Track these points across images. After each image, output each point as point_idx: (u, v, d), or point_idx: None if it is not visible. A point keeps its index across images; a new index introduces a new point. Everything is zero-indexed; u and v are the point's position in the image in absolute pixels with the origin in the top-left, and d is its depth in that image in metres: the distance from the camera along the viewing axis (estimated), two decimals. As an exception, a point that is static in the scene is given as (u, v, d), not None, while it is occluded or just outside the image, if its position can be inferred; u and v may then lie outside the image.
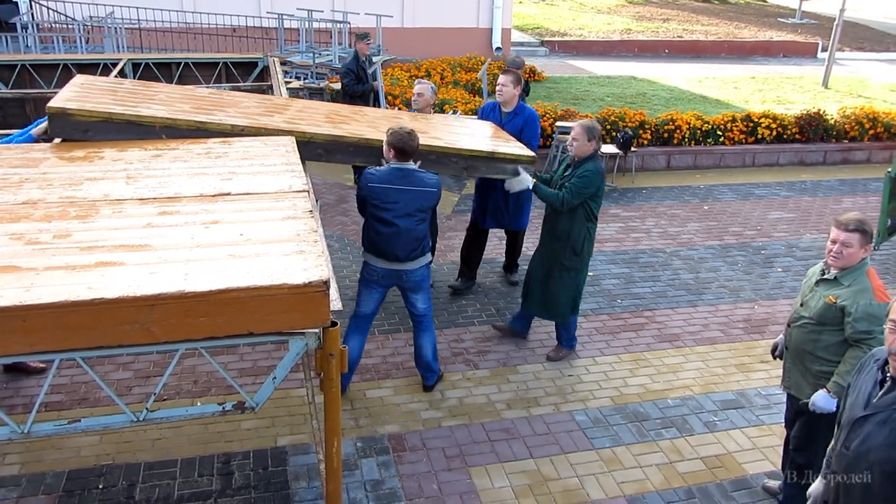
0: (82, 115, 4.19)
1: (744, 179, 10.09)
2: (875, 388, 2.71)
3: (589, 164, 5.06)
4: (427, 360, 5.01)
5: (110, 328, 2.43)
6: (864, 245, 3.55)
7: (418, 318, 4.96)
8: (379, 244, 4.62)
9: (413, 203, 4.57)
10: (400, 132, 4.53)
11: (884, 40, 22.79)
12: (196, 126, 4.41)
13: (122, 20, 12.78)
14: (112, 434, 4.41)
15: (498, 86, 6.16)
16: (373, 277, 4.75)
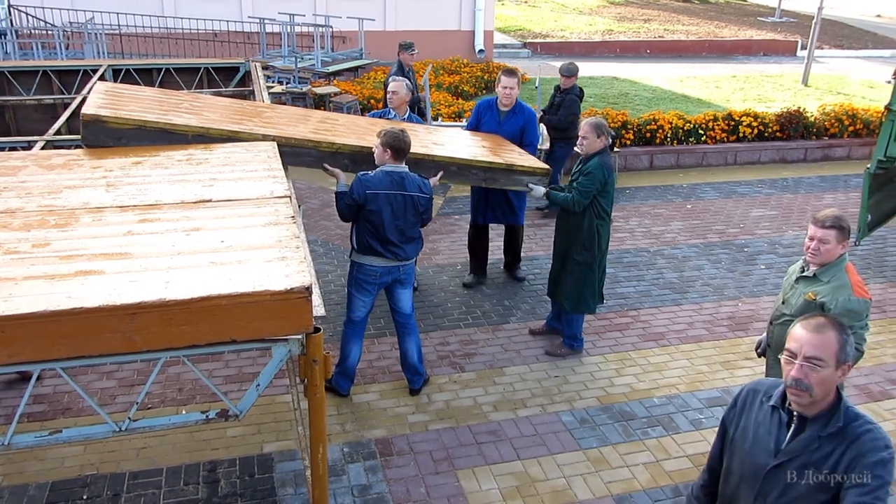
0: (116, 123, 4.23)
1: (726, 178, 10.16)
2: (781, 431, 2.43)
3: (594, 160, 5.15)
4: (413, 363, 5.01)
5: (91, 337, 2.40)
6: (842, 241, 3.59)
7: (403, 319, 4.96)
8: (376, 246, 4.62)
9: (409, 207, 4.60)
10: (394, 132, 4.54)
11: (862, 38, 23.02)
12: (227, 135, 4.47)
13: (102, 26, 12.68)
14: (96, 444, 4.37)
15: (506, 88, 6.20)
16: (369, 278, 4.74)
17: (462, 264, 7.13)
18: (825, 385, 2.31)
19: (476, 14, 15.86)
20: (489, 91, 13.68)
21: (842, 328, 2.35)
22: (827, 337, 2.31)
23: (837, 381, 2.33)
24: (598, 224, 5.27)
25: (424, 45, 15.22)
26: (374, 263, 4.70)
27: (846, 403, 2.38)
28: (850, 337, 2.34)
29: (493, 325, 6.05)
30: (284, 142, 4.59)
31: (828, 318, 2.38)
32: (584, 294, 5.43)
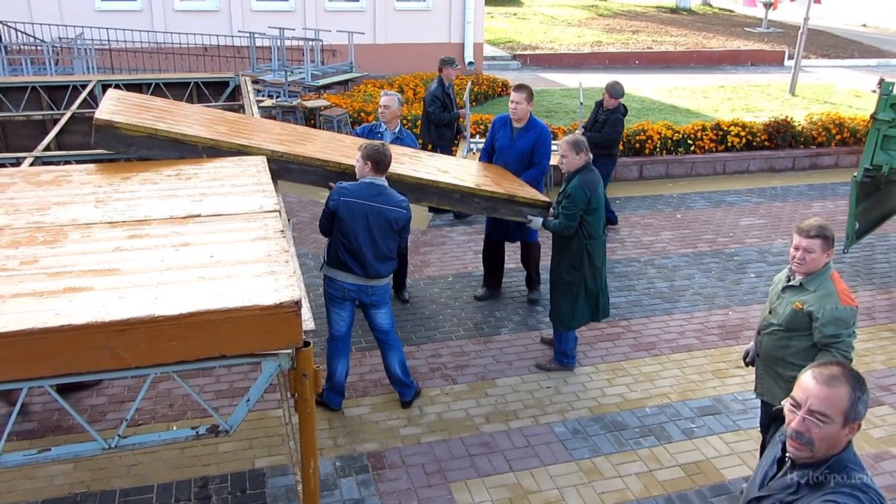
0: (128, 130, 4.30)
1: (715, 187, 10.21)
2: (772, 467, 2.40)
3: (573, 180, 5.12)
4: (398, 376, 5.00)
5: (79, 355, 2.39)
6: (827, 250, 3.62)
7: (383, 335, 4.95)
8: (346, 259, 4.60)
9: (384, 221, 4.56)
10: (374, 145, 4.55)
11: (848, 47, 23.23)
12: (237, 148, 4.53)
13: (91, 41, 12.70)
14: (86, 461, 4.34)
15: (512, 103, 6.17)
16: (339, 294, 4.73)
17: (453, 276, 7.14)
18: (829, 441, 2.14)
19: (466, 27, 15.96)
20: (478, 104, 13.73)
21: (857, 383, 2.13)
22: (838, 392, 2.11)
23: (845, 439, 2.16)
24: (588, 244, 5.23)
25: (414, 57, 15.33)
26: (343, 279, 4.67)
27: (846, 459, 2.19)
28: (866, 394, 2.14)
29: (485, 336, 6.05)
30: (293, 159, 4.67)
31: (844, 368, 2.17)
32: (574, 312, 5.37)
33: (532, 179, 6.17)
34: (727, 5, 30.06)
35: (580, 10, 26.61)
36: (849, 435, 2.17)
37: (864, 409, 2.14)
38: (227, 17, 14.49)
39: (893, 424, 5.07)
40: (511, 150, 6.22)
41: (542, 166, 6.25)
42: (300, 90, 11.38)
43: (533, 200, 5.56)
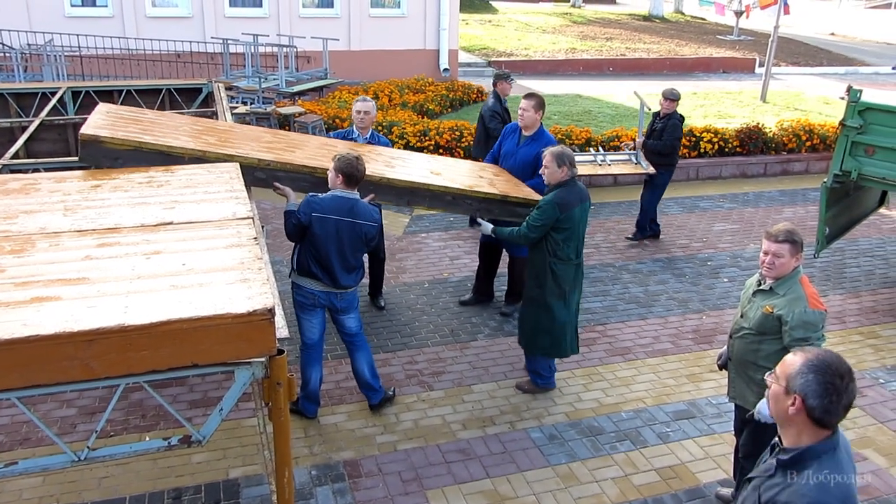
0: (114, 143, 4.31)
1: (688, 193, 10.31)
2: (768, 452, 2.45)
3: (550, 194, 4.97)
4: (366, 378, 4.97)
5: (47, 365, 2.35)
6: (795, 254, 3.68)
7: (350, 337, 4.93)
8: (316, 271, 4.57)
9: (355, 235, 4.54)
10: (348, 157, 4.50)
11: (817, 55, 23.63)
12: (225, 158, 4.52)
13: (61, 48, 12.53)
14: (56, 475, 4.26)
15: (520, 110, 6.14)
16: (308, 301, 4.70)
17: (429, 282, 7.13)
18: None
19: (440, 33, 15.99)
20: (453, 110, 13.76)
21: None
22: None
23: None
24: (552, 262, 5.02)
25: (389, 64, 15.33)
26: (312, 287, 4.65)
27: (821, 450, 2.26)
28: None
29: (462, 342, 6.05)
30: (280, 167, 4.66)
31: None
32: (535, 334, 5.19)
33: (537, 188, 6.09)
34: (699, 13, 30.43)
35: (554, 18, 26.80)
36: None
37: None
38: (201, 23, 14.38)
39: (864, 427, 5.14)
40: (514, 157, 6.21)
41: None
42: (274, 97, 11.32)
43: (526, 200, 5.46)
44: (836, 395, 2.19)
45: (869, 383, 5.68)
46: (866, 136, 6.52)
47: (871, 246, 8.61)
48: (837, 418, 2.24)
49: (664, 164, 8.15)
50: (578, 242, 5.08)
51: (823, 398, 2.20)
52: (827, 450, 2.26)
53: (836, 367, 2.22)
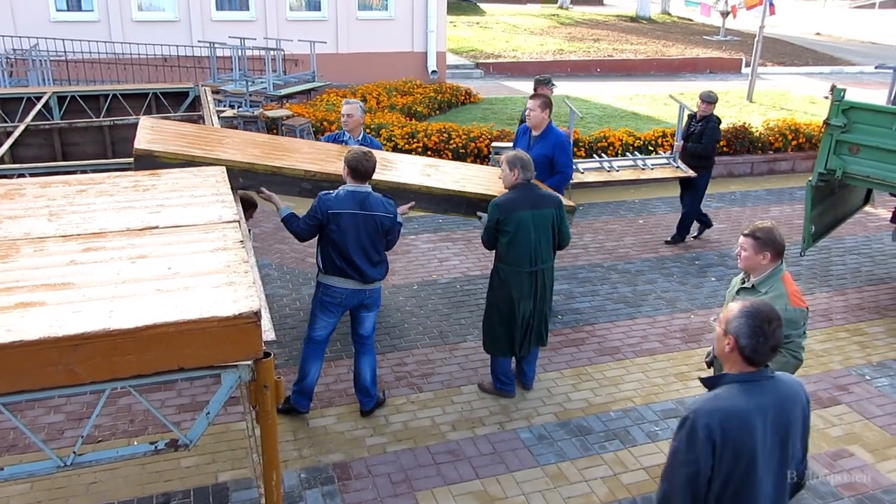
0: (167, 157, 4.42)
1: (676, 193, 10.28)
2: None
3: (496, 198, 4.90)
4: (366, 384, 4.98)
5: (31, 371, 2.34)
6: (761, 251, 3.74)
7: (363, 340, 4.95)
8: (343, 266, 4.60)
9: (372, 228, 4.57)
10: (356, 152, 4.54)
11: (803, 55, 23.79)
12: (273, 171, 4.66)
13: (46, 52, 12.48)
14: (43, 481, 4.24)
15: (527, 110, 6.18)
16: (335, 300, 4.72)
17: (418, 284, 7.14)
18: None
19: (428, 35, 16.01)
20: (442, 112, 13.78)
21: None
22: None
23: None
24: (499, 267, 4.98)
25: (377, 66, 15.34)
26: (340, 285, 4.67)
27: (737, 377, 2.65)
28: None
29: (451, 344, 6.05)
30: (326, 177, 4.75)
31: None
32: (490, 335, 5.16)
33: (554, 186, 6.13)
34: (686, 14, 30.58)
35: (542, 19, 26.87)
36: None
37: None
38: (187, 26, 14.34)
39: (850, 423, 5.18)
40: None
41: (564, 174, 6.22)
42: (262, 100, 11.31)
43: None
44: (762, 337, 2.58)
45: (855, 380, 5.72)
46: (850, 134, 6.57)
47: (857, 244, 8.68)
48: (764, 357, 2.62)
49: (704, 167, 8.23)
50: (531, 249, 4.88)
51: (752, 339, 2.59)
52: (741, 380, 2.64)
53: (766, 314, 2.61)
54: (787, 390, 2.67)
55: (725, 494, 2.60)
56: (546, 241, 4.96)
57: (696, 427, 2.56)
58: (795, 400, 2.68)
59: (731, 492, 2.59)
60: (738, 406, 2.57)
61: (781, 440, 2.64)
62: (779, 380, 2.68)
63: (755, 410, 2.58)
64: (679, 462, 2.60)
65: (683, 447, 2.59)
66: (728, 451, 2.55)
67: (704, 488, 2.59)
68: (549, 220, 4.93)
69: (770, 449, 2.62)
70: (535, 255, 4.92)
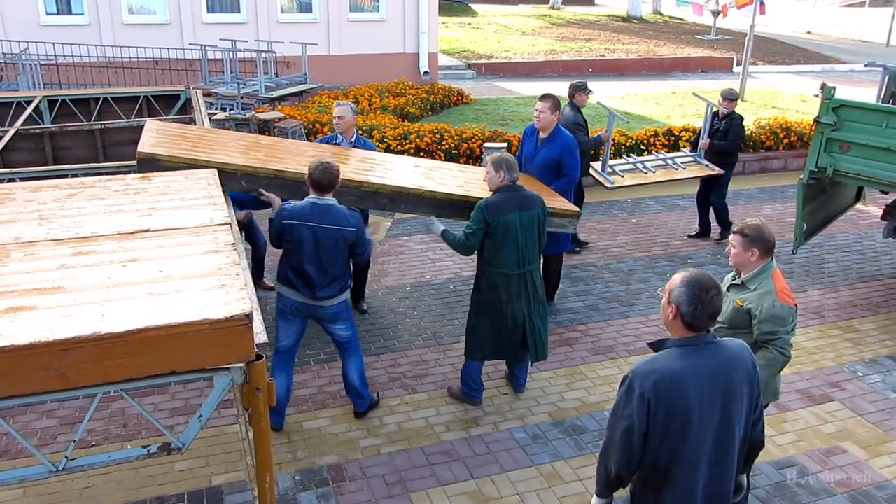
0: (170, 161, 4.43)
1: (668, 192, 10.37)
2: None
3: (482, 200, 4.85)
4: (355, 386, 4.95)
5: (22, 376, 2.33)
6: (749, 248, 3.77)
7: (343, 344, 4.91)
8: (293, 279, 4.55)
9: (332, 242, 4.49)
10: (315, 164, 4.46)
11: (794, 53, 23.87)
12: (275, 174, 4.67)
13: (37, 56, 12.43)
14: (36, 486, 4.23)
15: (536, 111, 6.17)
16: (288, 310, 4.67)
17: (412, 285, 7.14)
18: None
19: (420, 37, 16.01)
20: (434, 113, 13.78)
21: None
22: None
23: None
24: (487, 269, 4.92)
25: (369, 68, 15.34)
26: (290, 296, 4.61)
27: (678, 341, 2.83)
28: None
29: (444, 345, 6.06)
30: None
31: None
32: (473, 338, 5.09)
33: (560, 189, 6.17)
34: (677, 14, 30.67)
35: (533, 20, 26.90)
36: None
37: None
38: (178, 29, 14.31)
39: (843, 420, 5.20)
40: (535, 160, 6.25)
41: (571, 177, 6.23)
42: (254, 102, 11.28)
43: (563, 211, 5.46)
44: (701, 304, 2.74)
45: (847, 377, 5.74)
46: (841, 132, 6.59)
47: (849, 241, 8.72)
48: (703, 323, 2.78)
49: (728, 163, 8.31)
50: (519, 252, 4.85)
51: (691, 306, 2.75)
52: (680, 344, 2.81)
53: (704, 283, 2.77)
54: (728, 353, 2.82)
55: (663, 450, 2.78)
56: (532, 243, 4.94)
57: (632, 386, 2.76)
58: (736, 363, 2.81)
59: (670, 448, 2.77)
60: (672, 368, 2.74)
61: (723, 402, 2.77)
62: (721, 344, 2.84)
63: (689, 372, 2.74)
64: (618, 416, 2.82)
65: (622, 403, 2.81)
66: (661, 409, 2.72)
67: (639, 442, 2.79)
68: (535, 222, 4.91)
69: (708, 410, 2.75)
70: (523, 256, 4.89)
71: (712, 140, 8.32)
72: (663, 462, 2.79)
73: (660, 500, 2.85)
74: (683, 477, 2.79)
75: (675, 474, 2.80)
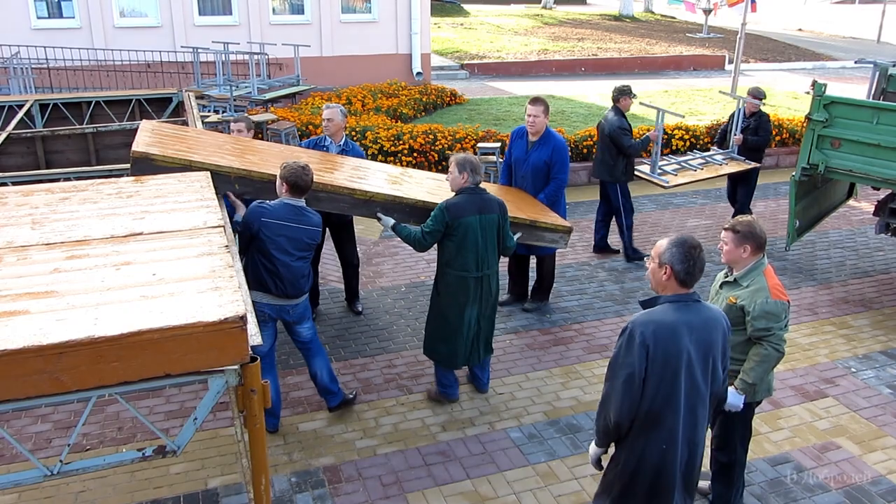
0: (164, 161, 4.41)
1: (662, 190, 10.37)
2: None
3: (444, 201, 4.85)
4: (325, 383, 4.95)
5: (16, 380, 2.33)
6: (741, 244, 3.80)
7: (305, 345, 4.90)
8: (266, 279, 4.53)
9: (301, 241, 4.55)
10: (294, 166, 4.45)
11: (785, 51, 23.95)
12: (268, 178, 4.64)
13: (28, 60, 12.39)
14: (32, 490, 4.21)
15: (529, 116, 6.17)
16: (260, 316, 4.59)
17: (406, 286, 7.14)
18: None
19: (412, 37, 16.00)
20: (427, 113, 13.79)
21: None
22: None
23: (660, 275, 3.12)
24: (445, 270, 4.93)
25: (361, 69, 15.32)
26: (262, 300, 4.57)
27: (670, 297, 3.10)
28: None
29: (439, 345, 6.05)
30: (322, 188, 4.73)
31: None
32: (432, 341, 5.12)
33: (552, 195, 6.22)
34: (669, 12, 30.74)
35: (526, 19, 26.93)
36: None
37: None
38: (170, 32, 14.27)
39: (837, 416, 5.22)
40: (526, 163, 6.26)
41: (559, 180, 6.25)
42: (246, 104, 11.26)
43: (554, 226, 5.58)
44: (692, 261, 3.03)
45: (841, 373, 5.77)
46: (832, 129, 6.63)
47: (842, 237, 8.75)
48: (694, 278, 3.07)
49: (758, 159, 8.44)
50: (478, 255, 4.86)
51: (684, 263, 3.04)
52: (672, 300, 3.08)
53: (691, 242, 3.06)
54: (710, 313, 3.14)
55: (658, 396, 3.03)
56: (492, 247, 4.94)
57: (633, 335, 3.01)
58: (717, 323, 3.13)
59: (664, 394, 3.02)
60: (668, 319, 3.02)
61: (704, 354, 3.07)
62: (704, 304, 3.16)
63: (683, 324, 3.03)
64: (618, 365, 3.05)
65: (623, 352, 3.05)
66: (659, 355, 2.99)
67: (639, 388, 3.02)
68: (494, 226, 4.91)
69: (694, 359, 3.04)
70: (482, 260, 4.89)
71: (746, 135, 8.38)
72: (657, 407, 3.04)
73: (649, 442, 3.09)
74: (672, 420, 3.05)
75: (665, 418, 3.05)
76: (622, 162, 7.65)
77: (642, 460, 3.12)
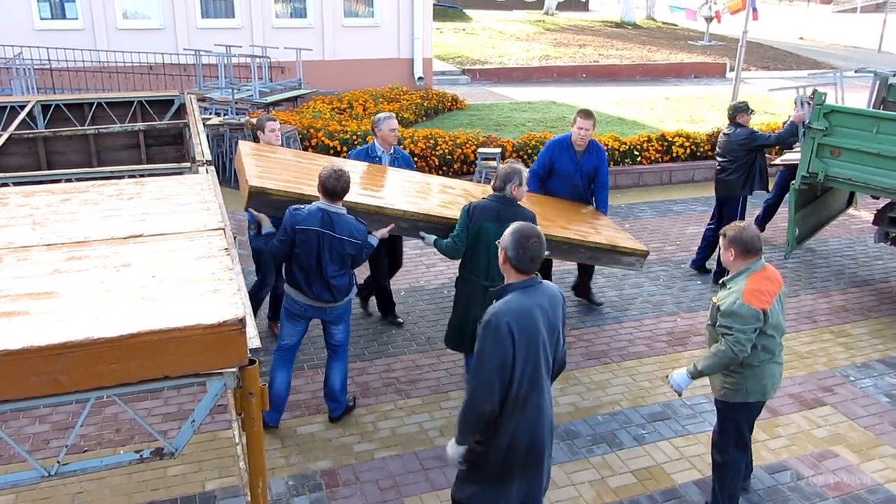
0: (279, 195, 4.68)
1: (662, 197, 10.42)
2: None
3: (469, 203, 4.95)
4: (335, 390, 4.98)
5: (14, 381, 2.33)
6: (726, 248, 3.97)
7: (335, 347, 4.95)
8: (300, 282, 4.60)
9: (334, 250, 4.54)
10: (329, 171, 4.49)
11: (786, 59, 24.00)
12: (375, 210, 4.91)
13: (31, 61, 12.42)
14: (29, 491, 4.21)
15: (581, 130, 6.36)
16: (296, 310, 4.75)
17: (405, 291, 7.14)
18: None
19: (414, 42, 16.04)
20: (428, 118, 13.80)
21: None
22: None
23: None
24: (461, 271, 5.07)
25: (363, 73, 15.35)
26: (299, 299, 4.69)
27: (516, 285, 3.28)
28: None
29: (438, 350, 6.06)
30: (423, 218, 5.04)
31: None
32: (449, 327, 5.29)
33: (606, 200, 6.63)
34: (670, 19, 30.80)
35: (528, 25, 26.99)
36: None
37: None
38: (173, 34, 14.30)
39: (835, 424, 5.22)
40: (577, 173, 6.51)
41: (604, 186, 6.61)
42: (248, 107, 11.29)
43: (632, 250, 5.74)
44: (522, 249, 3.23)
45: (839, 381, 5.77)
46: (832, 138, 6.65)
47: (841, 246, 8.76)
48: (526, 265, 3.26)
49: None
50: (487, 263, 4.84)
51: (516, 251, 3.24)
52: (521, 286, 3.27)
53: (527, 232, 3.27)
54: (551, 292, 3.37)
55: (524, 379, 3.21)
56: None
57: (498, 325, 3.15)
58: (557, 300, 3.38)
59: (528, 376, 3.22)
60: (525, 304, 3.21)
61: (551, 330, 3.32)
62: (546, 285, 3.37)
63: (535, 307, 3.24)
64: (487, 357, 3.17)
65: (489, 344, 3.17)
66: (523, 339, 3.17)
67: (510, 374, 3.17)
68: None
69: (547, 337, 3.28)
70: (490, 269, 4.85)
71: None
72: (524, 389, 3.22)
73: (519, 423, 3.25)
74: (537, 398, 3.27)
75: (532, 397, 3.24)
76: (756, 175, 7.45)
77: (514, 438, 3.27)
